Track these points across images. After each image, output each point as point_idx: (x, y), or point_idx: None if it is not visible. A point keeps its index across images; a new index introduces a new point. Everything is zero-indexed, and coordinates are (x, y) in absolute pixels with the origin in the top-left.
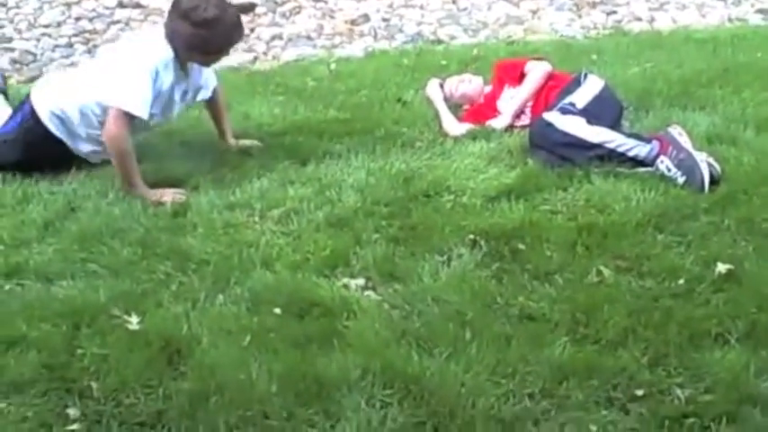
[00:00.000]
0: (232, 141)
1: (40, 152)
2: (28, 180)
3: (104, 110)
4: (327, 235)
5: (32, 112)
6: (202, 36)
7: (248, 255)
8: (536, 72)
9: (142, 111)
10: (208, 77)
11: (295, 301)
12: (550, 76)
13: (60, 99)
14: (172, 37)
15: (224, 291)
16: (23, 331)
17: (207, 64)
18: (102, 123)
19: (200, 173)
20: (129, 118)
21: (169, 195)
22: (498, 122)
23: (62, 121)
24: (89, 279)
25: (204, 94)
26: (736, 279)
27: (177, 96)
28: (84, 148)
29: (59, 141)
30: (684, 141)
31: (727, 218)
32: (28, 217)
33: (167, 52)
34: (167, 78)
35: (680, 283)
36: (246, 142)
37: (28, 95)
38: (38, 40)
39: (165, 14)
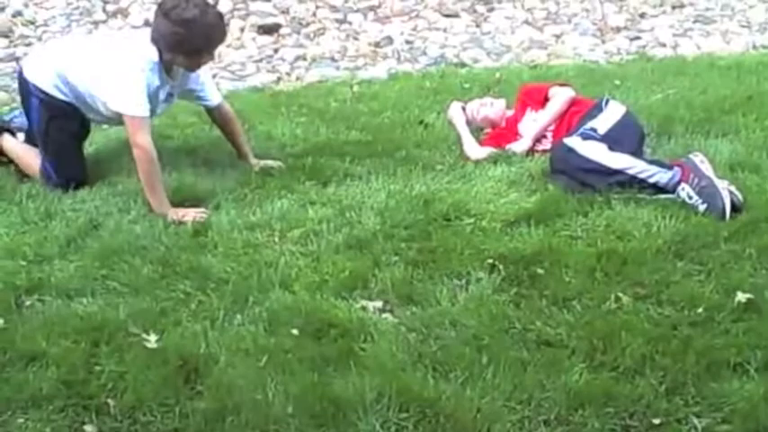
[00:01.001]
0: (254, 161)
1: (73, 121)
2: (51, 196)
3: (102, 102)
4: (346, 257)
5: (39, 90)
6: (182, 35)
7: (267, 275)
8: (559, 97)
9: (145, 111)
10: (207, 87)
11: (313, 322)
12: (573, 102)
13: (56, 77)
14: (155, 37)
15: (242, 310)
16: (43, 347)
17: (191, 67)
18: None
19: (222, 192)
20: (143, 121)
21: (191, 215)
22: (519, 146)
23: (64, 91)
24: (109, 296)
25: (203, 101)
26: (756, 308)
27: (162, 96)
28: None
29: (74, 106)
30: (706, 169)
31: (748, 246)
32: (51, 233)
33: (152, 54)
34: (153, 80)
35: (699, 312)
36: (269, 162)
37: (24, 79)
38: None
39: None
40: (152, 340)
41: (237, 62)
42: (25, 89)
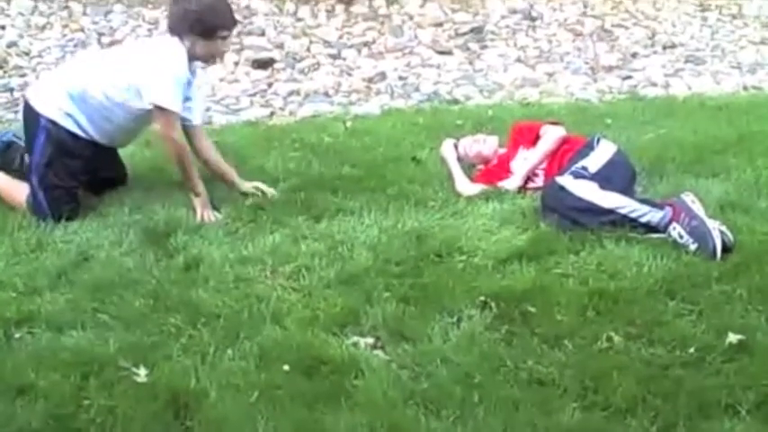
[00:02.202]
0: (238, 181)
1: (77, 160)
2: (42, 228)
3: (119, 103)
4: (338, 292)
5: (48, 120)
6: (198, 12)
7: (258, 310)
8: (550, 136)
9: (180, 107)
10: (195, 103)
11: (304, 358)
12: (564, 140)
13: (68, 101)
14: (174, 25)
15: (233, 345)
16: (32, 380)
17: (209, 55)
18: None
19: (214, 226)
20: (175, 116)
21: (207, 215)
22: (510, 183)
23: (76, 117)
24: (99, 329)
25: (187, 115)
26: (747, 349)
27: (186, 92)
28: (102, 139)
29: (82, 140)
30: (697, 209)
31: (739, 287)
32: (41, 265)
33: (179, 44)
34: (186, 72)
35: (690, 352)
36: (261, 186)
37: (31, 109)
38: None
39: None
40: (142, 375)
41: (231, 96)
42: (32, 121)
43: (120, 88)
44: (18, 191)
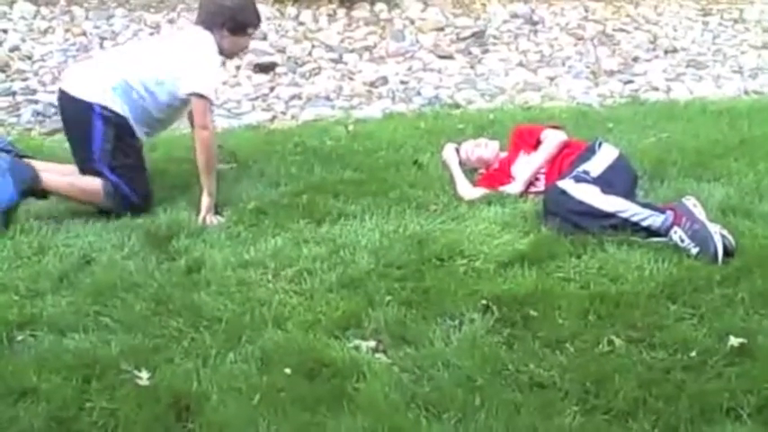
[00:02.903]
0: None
1: (135, 138)
2: (44, 231)
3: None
4: (340, 296)
5: (102, 107)
6: (232, 9)
7: (260, 313)
8: (551, 140)
9: (215, 97)
10: None
11: (306, 361)
12: (565, 145)
13: (111, 90)
14: (205, 19)
15: (235, 349)
16: (34, 383)
17: (233, 50)
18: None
19: (215, 229)
20: (210, 106)
21: (209, 218)
22: (511, 188)
23: (121, 104)
24: (101, 332)
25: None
26: (749, 353)
27: None
28: (139, 131)
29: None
30: (698, 213)
31: (740, 291)
32: (44, 268)
33: (211, 38)
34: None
35: (692, 356)
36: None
37: (78, 100)
38: None
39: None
40: (144, 377)
41: (233, 100)
42: (83, 112)
43: (159, 80)
44: (85, 184)
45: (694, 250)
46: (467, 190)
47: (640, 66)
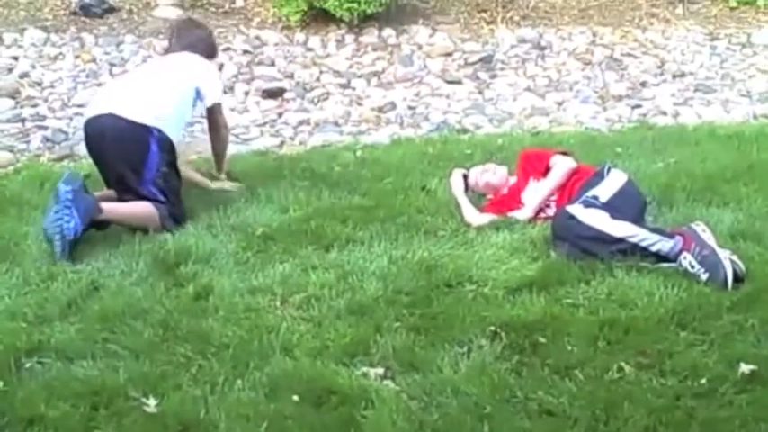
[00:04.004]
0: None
1: (177, 166)
2: (52, 258)
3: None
4: (348, 322)
5: (157, 131)
6: (213, 42)
7: (268, 340)
8: (560, 168)
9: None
10: None
11: (313, 388)
12: (574, 171)
13: (153, 114)
14: (195, 44)
15: (243, 375)
16: (42, 410)
17: None
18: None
19: (223, 255)
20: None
21: (228, 185)
22: (520, 214)
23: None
24: (109, 359)
25: None
26: (759, 380)
27: None
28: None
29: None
30: (708, 238)
31: (750, 317)
32: (52, 295)
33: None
34: None
35: (702, 383)
36: (225, 186)
37: (137, 124)
38: (70, 119)
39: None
40: (151, 405)
41: (241, 126)
42: (141, 135)
43: (184, 102)
44: (141, 210)
45: (704, 276)
46: (474, 216)
47: (648, 90)
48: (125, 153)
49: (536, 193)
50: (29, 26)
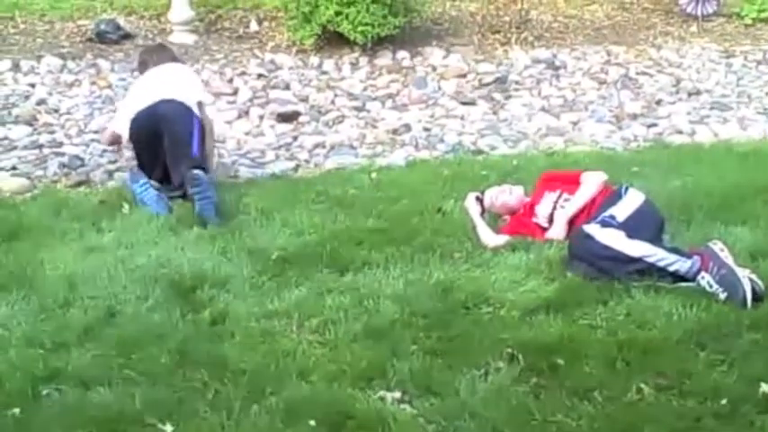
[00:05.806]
0: None
1: None
2: (68, 284)
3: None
4: (364, 346)
5: (197, 117)
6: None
7: (284, 365)
8: (593, 179)
9: None
10: None
11: (330, 413)
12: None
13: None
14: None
15: (259, 401)
16: None
17: None
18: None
19: (239, 279)
20: None
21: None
22: (554, 233)
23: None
24: (126, 386)
25: None
26: None
27: None
28: None
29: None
30: (726, 257)
31: None
32: (68, 321)
33: None
34: None
35: (723, 404)
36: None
37: (187, 108)
38: (87, 145)
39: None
40: (168, 431)
41: (257, 149)
42: (189, 118)
43: (194, 102)
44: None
45: (723, 295)
46: (490, 237)
47: (664, 109)
48: (176, 123)
49: (569, 203)
50: (46, 53)
